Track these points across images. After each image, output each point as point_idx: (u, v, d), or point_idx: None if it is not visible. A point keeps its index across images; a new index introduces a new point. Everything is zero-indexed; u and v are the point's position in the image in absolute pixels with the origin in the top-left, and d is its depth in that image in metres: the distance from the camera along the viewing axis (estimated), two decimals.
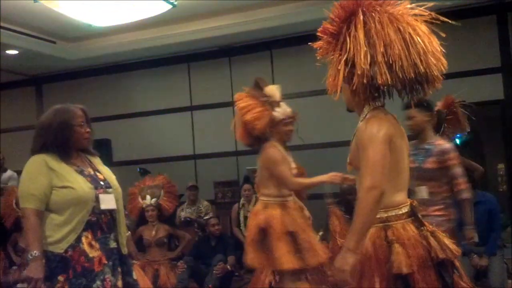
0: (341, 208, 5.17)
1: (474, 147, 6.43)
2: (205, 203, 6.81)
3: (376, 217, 2.13)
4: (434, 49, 2.14)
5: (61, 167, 2.43)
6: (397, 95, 2.30)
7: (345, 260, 2.04)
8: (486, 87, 6.50)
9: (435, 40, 2.17)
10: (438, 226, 3.56)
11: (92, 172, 2.55)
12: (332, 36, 2.20)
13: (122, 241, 2.53)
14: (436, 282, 2.14)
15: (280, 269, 3.45)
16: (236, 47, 7.60)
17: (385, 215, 2.19)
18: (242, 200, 6.50)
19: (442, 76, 2.19)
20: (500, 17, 6.56)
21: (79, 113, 2.53)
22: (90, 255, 2.37)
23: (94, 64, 8.10)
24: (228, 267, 5.37)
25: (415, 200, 2.36)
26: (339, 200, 5.28)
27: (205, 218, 6.26)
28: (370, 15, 2.13)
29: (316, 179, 3.65)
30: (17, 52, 7.24)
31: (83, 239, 2.37)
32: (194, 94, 8.01)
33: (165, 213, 5.65)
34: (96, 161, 2.65)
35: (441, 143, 3.79)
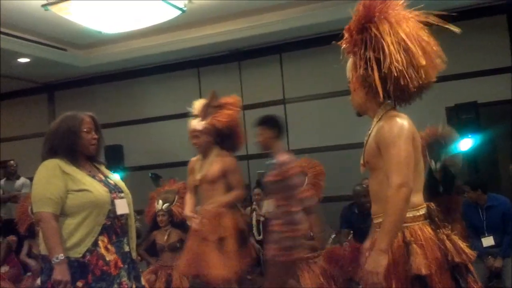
0: (354, 210, 5.17)
1: (486, 148, 6.37)
2: None
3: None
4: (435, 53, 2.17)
5: (74, 171, 2.44)
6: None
7: (378, 262, 2.01)
8: (496, 87, 6.45)
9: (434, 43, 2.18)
10: (275, 242, 3.53)
11: (103, 178, 2.57)
12: (359, 35, 2.15)
13: (132, 246, 2.55)
14: (452, 285, 2.12)
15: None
16: (245, 51, 7.62)
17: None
18: (253, 204, 6.51)
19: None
20: (511, 17, 6.52)
21: (86, 120, 2.54)
22: (107, 258, 2.37)
23: (105, 71, 8.16)
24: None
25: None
26: (352, 202, 5.27)
27: None
28: (395, 17, 2.13)
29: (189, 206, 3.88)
30: (29, 60, 7.31)
31: (100, 243, 2.37)
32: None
33: (176, 218, 5.65)
34: (103, 169, 2.66)
35: (282, 156, 3.70)
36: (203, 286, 5.06)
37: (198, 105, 3.97)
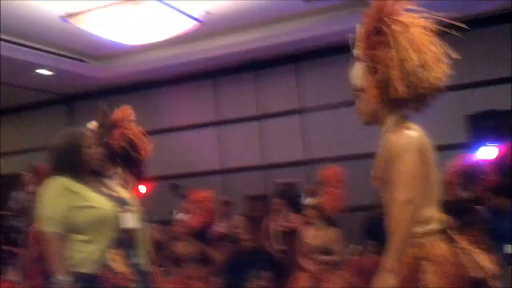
0: (377, 221, 5.09)
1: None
2: (238, 217, 6.80)
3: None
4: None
5: (79, 187, 2.44)
6: None
7: (385, 282, 1.95)
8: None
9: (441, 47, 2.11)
10: None
11: (109, 192, 2.58)
12: (376, 36, 2.08)
13: (145, 258, 2.56)
14: None
15: None
16: (261, 61, 7.64)
17: (413, 231, 2.04)
18: (273, 213, 6.51)
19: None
20: None
21: (88, 135, 2.57)
22: (118, 271, 2.37)
23: (123, 82, 8.22)
24: (262, 283, 5.31)
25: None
26: (375, 212, 5.20)
27: (237, 233, 6.25)
28: (407, 19, 2.07)
29: None
30: (48, 71, 7.41)
31: (110, 256, 2.38)
32: (221, 108, 8.06)
33: (193, 229, 5.65)
34: (109, 182, 2.66)
35: None
36: None
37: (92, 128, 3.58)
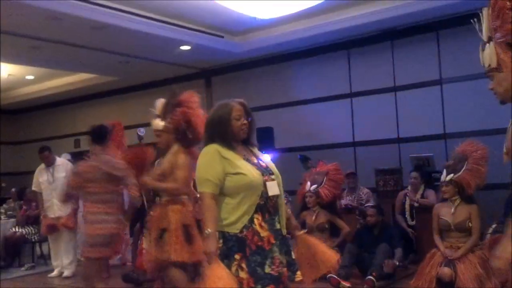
0: None
1: None
2: (366, 190, 6.75)
3: None
4: None
5: (231, 155, 2.66)
6: None
7: (505, 248, 1.92)
8: None
9: None
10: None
11: (255, 161, 2.75)
12: None
13: (283, 223, 2.72)
14: None
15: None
16: (399, 30, 7.34)
17: None
18: (407, 188, 6.35)
19: None
20: None
21: (236, 107, 2.73)
22: (262, 235, 2.58)
23: (258, 56, 8.45)
24: (396, 262, 5.21)
25: None
26: None
27: (366, 206, 6.21)
28: None
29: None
30: (189, 47, 7.84)
31: (255, 221, 2.58)
32: (354, 80, 7.94)
33: (323, 200, 5.72)
34: (256, 151, 2.84)
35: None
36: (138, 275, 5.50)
37: (159, 105, 4.11)
